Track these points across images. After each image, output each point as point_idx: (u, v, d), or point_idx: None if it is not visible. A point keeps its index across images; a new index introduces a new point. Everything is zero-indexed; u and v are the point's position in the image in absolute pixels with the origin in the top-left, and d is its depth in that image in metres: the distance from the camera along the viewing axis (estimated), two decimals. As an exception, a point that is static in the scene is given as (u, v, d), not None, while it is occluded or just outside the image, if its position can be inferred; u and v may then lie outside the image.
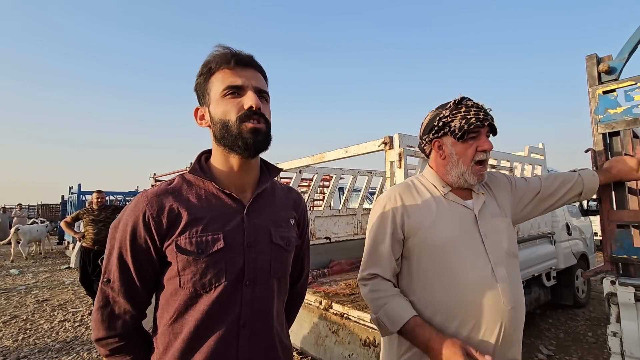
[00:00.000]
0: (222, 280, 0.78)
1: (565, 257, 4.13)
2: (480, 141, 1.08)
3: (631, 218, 1.39)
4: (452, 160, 1.11)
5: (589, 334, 3.78)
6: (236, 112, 0.79)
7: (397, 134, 2.29)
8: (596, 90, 1.48)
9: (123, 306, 0.80)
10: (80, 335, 4.03)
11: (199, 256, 0.77)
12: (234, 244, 0.81)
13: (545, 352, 3.34)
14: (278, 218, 0.91)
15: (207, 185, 0.85)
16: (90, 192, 10.68)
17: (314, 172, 4.27)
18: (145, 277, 0.81)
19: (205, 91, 0.84)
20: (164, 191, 0.82)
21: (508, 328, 1.00)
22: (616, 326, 1.39)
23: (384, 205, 1.15)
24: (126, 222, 0.80)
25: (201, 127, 0.88)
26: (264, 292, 0.84)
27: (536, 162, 3.75)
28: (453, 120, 1.09)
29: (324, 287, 3.25)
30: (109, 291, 0.80)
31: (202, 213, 0.81)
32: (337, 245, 4.38)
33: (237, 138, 0.80)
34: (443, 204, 1.12)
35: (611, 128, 1.44)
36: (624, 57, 1.44)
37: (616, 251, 1.41)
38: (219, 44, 0.84)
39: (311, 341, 2.76)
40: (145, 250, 0.79)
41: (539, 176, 1.33)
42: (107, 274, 0.81)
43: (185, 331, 0.77)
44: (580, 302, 4.53)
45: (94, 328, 0.81)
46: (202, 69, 0.84)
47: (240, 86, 0.81)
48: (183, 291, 0.78)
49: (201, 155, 0.90)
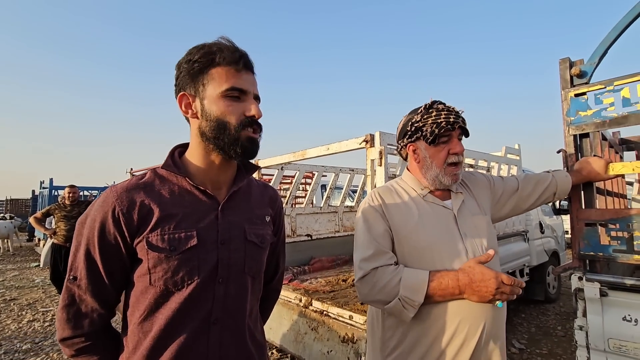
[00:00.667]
0: (195, 278, 0.77)
1: (538, 254, 4.29)
2: (452, 144, 1.10)
3: (598, 217, 1.45)
4: (426, 163, 1.14)
5: (559, 327, 3.94)
6: (237, 117, 0.78)
7: (378, 132, 2.30)
8: (568, 93, 1.53)
9: (90, 304, 0.77)
10: (50, 336, 3.87)
11: (171, 253, 0.75)
12: (207, 241, 0.79)
13: (518, 345, 3.46)
14: (253, 215, 0.91)
15: (180, 181, 0.82)
16: (63, 186, 10.28)
17: (296, 170, 4.25)
18: (114, 274, 0.78)
19: (200, 81, 0.79)
20: (135, 186, 0.79)
21: (491, 325, 1.03)
22: (583, 320, 1.44)
23: (369, 206, 1.15)
24: (94, 217, 0.77)
25: (185, 115, 0.83)
26: (237, 290, 0.83)
27: (512, 162, 3.86)
28: (425, 125, 1.10)
29: (304, 285, 3.25)
30: (75, 289, 0.77)
31: (175, 209, 0.78)
32: (318, 243, 4.37)
33: (235, 143, 0.78)
34: (423, 206, 1.13)
35: (581, 130, 1.50)
36: (595, 62, 1.49)
37: (584, 248, 1.47)
38: (223, 36, 0.80)
39: (290, 338, 2.75)
40: (115, 247, 0.76)
41: (516, 176, 1.37)
42: (74, 271, 0.77)
43: (155, 329, 0.75)
44: (551, 298, 4.72)
45: (58, 328, 0.78)
46: (201, 55, 0.78)
47: (244, 91, 0.79)
48: (154, 289, 0.76)
49: (174, 150, 0.87)
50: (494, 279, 0.92)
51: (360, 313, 2.28)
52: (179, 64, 0.82)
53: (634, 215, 1.36)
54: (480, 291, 0.93)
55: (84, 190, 11.07)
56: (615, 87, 1.40)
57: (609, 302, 1.39)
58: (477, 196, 1.22)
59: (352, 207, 5.07)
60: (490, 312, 1.02)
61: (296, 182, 4.31)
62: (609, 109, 1.42)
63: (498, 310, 1.04)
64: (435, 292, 0.97)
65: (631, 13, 1.39)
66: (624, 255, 1.37)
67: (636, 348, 1.30)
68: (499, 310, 1.05)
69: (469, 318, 1.01)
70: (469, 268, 0.96)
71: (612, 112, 1.41)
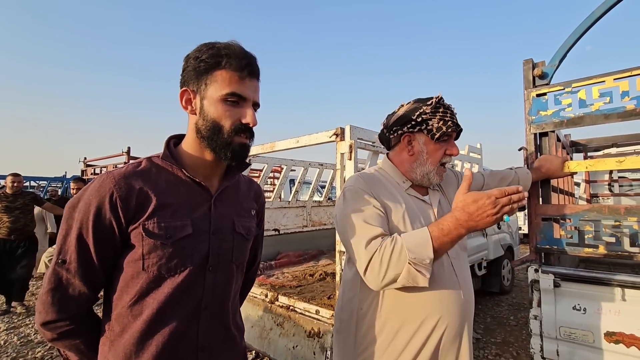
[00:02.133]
0: (188, 265, 0.81)
1: (494, 248, 4.53)
2: (450, 145, 1.11)
3: (554, 212, 1.53)
4: (421, 158, 1.10)
5: (511, 317, 4.19)
6: (232, 122, 0.81)
7: (349, 125, 2.28)
8: (530, 93, 1.59)
9: (78, 288, 0.78)
10: (-13, 339, 3.52)
11: (167, 241, 0.79)
12: (200, 231, 0.84)
13: (475, 335, 3.64)
14: (241, 208, 0.96)
15: (176, 171, 0.85)
16: (4, 175, 9.40)
17: (265, 162, 4.15)
18: (104, 258, 0.79)
19: (203, 80, 0.81)
20: (132, 173, 0.81)
21: (466, 317, 1.05)
22: (537, 310, 1.52)
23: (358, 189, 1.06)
24: (88, 201, 0.77)
25: (184, 110, 0.86)
26: (225, 278, 0.89)
27: (474, 160, 4.03)
28: (432, 119, 1.07)
29: (270, 280, 3.19)
30: (63, 272, 0.77)
31: (171, 199, 0.82)
32: (285, 237, 4.32)
33: (226, 147, 0.82)
34: (407, 198, 1.11)
35: (542, 129, 1.57)
36: (555, 64, 1.56)
37: (540, 242, 1.55)
38: (234, 40, 0.82)
39: (255, 335, 2.69)
40: (109, 232, 0.77)
41: (482, 172, 1.40)
42: (63, 254, 0.78)
43: (146, 312, 0.78)
44: (505, 290, 5.01)
45: (40, 311, 0.77)
46: (209, 56, 0.80)
47: (244, 97, 0.82)
48: (146, 274, 0.78)
49: (170, 140, 0.90)
50: (486, 198, 0.87)
51: (326, 307, 2.27)
52: (187, 57, 0.83)
53: (586, 211, 1.44)
54: (482, 218, 0.87)
55: (31, 180, 10.19)
56: (573, 88, 1.48)
57: (561, 293, 1.47)
58: (448, 193, 1.24)
59: (320, 202, 5.06)
60: (465, 304, 1.05)
61: (264, 176, 4.22)
62: (567, 110, 1.49)
63: (469, 302, 1.07)
64: (441, 240, 0.90)
65: (589, 18, 1.46)
66: (576, 248, 1.45)
67: (584, 335, 1.38)
68: (470, 302, 1.07)
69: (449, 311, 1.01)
70: (461, 203, 0.90)
71: (570, 113, 1.48)
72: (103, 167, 6.48)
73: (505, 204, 0.87)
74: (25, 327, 3.86)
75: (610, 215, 1.37)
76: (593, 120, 1.42)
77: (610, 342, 1.33)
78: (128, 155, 5.64)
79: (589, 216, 1.42)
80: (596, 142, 3.30)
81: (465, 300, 1.05)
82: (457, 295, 1.04)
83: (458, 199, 0.92)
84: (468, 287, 1.09)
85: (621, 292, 1.33)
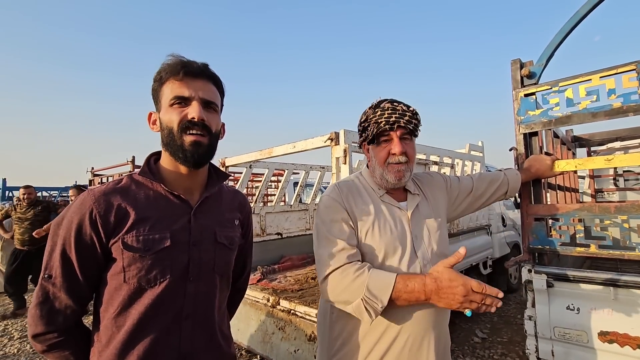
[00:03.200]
0: (167, 276, 0.83)
1: (500, 246, 4.48)
2: (392, 144, 1.08)
3: (545, 212, 1.52)
4: (372, 162, 1.13)
5: (519, 316, 4.14)
6: (178, 121, 0.84)
7: (343, 130, 2.30)
8: (519, 93, 1.59)
9: (64, 301, 0.81)
10: (2, 347, 3.62)
11: (145, 253, 0.81)
12: (179, 242, 0.86)
13: (481, 335, 3.60)
14: (223, 219, 0.98)
15: (155, 187, 0.89)
16: (18, 187, 9.66)
17: (266, 167, 4.19)
18: (88, 273, 0.82)
19: (158, 98, 0.88)
20: (112, 190, 0.85)
21: (436, 325, 1.04)
22: (532, 310, 1.52)
23: (333, 199, 1.10)
24: (71, 219, 0.81)
25: (153, 131, 0.91)
26: (207, 287, 0.90)
27: (476, 158, 4.00)
28: (369, 125, 1.09)
29: (272, 284, 3.21)
30: (49, 287, 0.81)
31: (150, 213, 0.85)
32: (288, 241, 4.35)
33: (179, 149, 0.85)
34: (379, 206, 1.12)
35: (530, 129, 1.56)
36: (542, 63, 1.56)
37: (533, 242, 1.54)
38: (172, 53, 0.87)
39: (258, 339, 2.72)
40: (90, 247, 0.81)
41: (471, 175, 1.39)
42: (49, 270, 0.81)
43: (128, 323, 0.80)
44: (512, 288, 4.96)
45: (31, 324, 0.81)
46: (156, 77, 0.87)
47: (186, 97, 0.85)
48: (127, 286, 0.81)
49: (150, 157, 0.94)
50: (461, 285, 0.86)
51: (326, 311, 2.29)
52: None
53: (577, 210, 1.43)
54: (447, 298, 0.87)
55: (42, 190, 10.45)
56: (560, 87, 1.47)
57: (555, 293, 1.46)
58: (433, 197, 1.22)
59: (323, 205, 5.07)
60: (434, 311, 1.03)
61: (265, 180, 4.26)
62: (555, 109, 1.49)
63: (442, 315, 1.05)
64: (400, 295, 0.92)
65: (574, 18, 1.46)
66: (568, 248, 1.44)
67: (578, 335, 1.38)
68: (442, 315, 1.05)
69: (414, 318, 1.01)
70: (437, 273, 0.91)
71: (558, 112, 1.48)
72: (110, 176, 6.60)
73: (476, 300, 0.86)
74: (38, 335, 3.95)
75: (601, 214, 1.36)
76: (581, 118, 1.41)
77: (604, 342, 1.32)
78: (133, 164, 5.75)
79: (579, 215, 1.41)
80: (599, 137, 3.26)
81: (433, 310, 1.03)
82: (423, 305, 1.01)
83: (438, 269, 0.92)
84: None
85: (614, 291, 1.32)
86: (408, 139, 1.10)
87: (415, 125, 1.09)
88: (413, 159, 1.11)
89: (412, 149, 1.11)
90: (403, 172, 1.08)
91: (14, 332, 4.04)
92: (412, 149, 1.10)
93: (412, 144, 1.11)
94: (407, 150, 1.08)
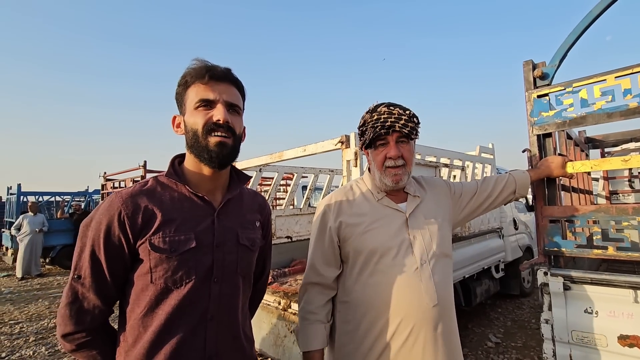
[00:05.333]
0: (192, 277, 0.85)
1: (512, 250, 4.42)
2: (388, 148, 1.11)
3: (561, 214, 1.51)
4: (372, 166, 1.18)
5: (533, 320, 4.07)
6: (204, 123, 0.86)
7: (353, 133, 2.31)
8: (531, 94, 1.58)
9: (93, 301, 0.83)
10: (18, 349, 3.69)
11: (172, 254, 0.83)
12: (204, 244, 0.87)
13: (494, 339, 3.55)
14: (245, 221, 0.99)
15: (180, 188, 0.91)
16: (32, 192, 9.85)
17: (275, 171, 4.22)
18: (115, 273, 0.84)
19: (182, 102, 0.90)
20: (139, 192, 0.87)
21: (435, 323, 1.05)
22: (548, 314, 1.49)
23: (323, 212, 1.19)
24: (99, 220, 0.83)
25: (177, 134, 0.93)
26: (231, 289, 0.92)
27: (486, 161, 3.96)
28: (367, 129, 1.12)
29: (283, 287, 3.22)
30: (78, 287, 0.82)
31: (175, 214, 0.86)
32: (298, 245, 4.35)
33: (204, 150, 0.87)
34: (376, 208, 1.16)
35: (544, 130, 1.55)
36: (555, 64, 1.55)
37: (548, 244, 1.52)
38: (196, 58, 0.90)
39: (270, 342, 2.72)
40: (118, 248, 0.82)
41: (476, 180, 1.41)
42: (78, 270, 0.83)
43: (155, 324, 0.82)
44: (525, 292, 4.88)
45: (60, 324, 0.83)
46: (180, 81, 0.90)
47: (211, 100, 0.87)
48: (154, 287, 0.83)
49: (174, 159, 0.96)
50: None
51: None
52: None
53: (593, 212, 1.42)
54: None
55: (56, 195, 10.63)
56: (574, 88, 1.46)
57: (572, 296, 1.44)
58: (436, 199, 1.23)
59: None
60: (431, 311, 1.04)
61: (275, 184, 4.28)
62: (569, 110, 1.47)
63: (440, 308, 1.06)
64: None
65: (587, 17, 1.45)
66: (585, 250, 1.42)
67: (597, 338, 1.35)
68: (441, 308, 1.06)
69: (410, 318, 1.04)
70: None
71: (572, 113, 1.47)
72: (122, 181, 6.72)
73: None
74: (53, 337, 4.02)
75: (618, 215, 1.34)
76: (596, 119, 1.40)
77: (624, 346, 1.29)
78: (144, 169, 5.84)
79: (596, 217, 1.40)
80: (614, 137, 3.20)
81: (433, 307, 1.04)
82: (420, 301, 1.04)
83: None
84: (440, 293, 1.06)
85: (634, 293, 1.29)
86: (405, 143, 1.12)
87: (412, 128, 1.10)
88: (410, 161, 1.14)
89: (409, 152, 1.13)
90: (400, 175, 1.11)
91: (30, 335, 4.12)
92: (408, 152, 1.12)
93: (409, 147, 1.14)
94: (403, 154, 1.11)
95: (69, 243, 8.22)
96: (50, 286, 6.75)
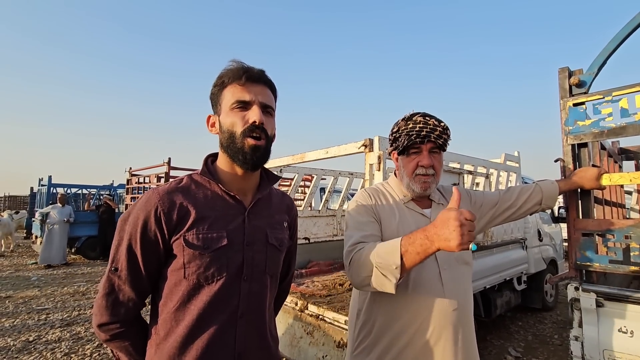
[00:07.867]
0: (224, 274, 0.86)
1: (535, 262, 4.27)
2: (421, 157, 1.14)
3: (595, 227, 1.45)
4: (401, 171, 1.20)
5: (555, 336, 3.92)
6: (242, 125, 0.87)
7: (377, 136, 2.29)
8: (567, 103, 1.53)
9: (128, 294, 0.86)
10: (45, 334, 3.85)
11: (205, 251, 0.85)
12: (235, 242, 0.89)
13: (514, 353, 3.44)
14: (273, 221, 1.01)
15: (213, 187, 0.93)
16: (61, 184, 10.29)
17: (295, 172, 4.24)
18: (150, 268, 0.87)
19: (218, 102, 0.92)
20: (175, 189, 0.89)
21: (454, 327, 1.07)
22: (578, 331, 1.44)
23: (360, 203, 1.20)
24: (137, 215, 0.85)
25: (211, 133, 0.95)
26: (259, 287, 0.93)
27: (511, 169, 3.86)
28: (400, 136, 1.15)
29: (300, 288, 3.23)
30: (115, 279, 0.85)
31: (209, 212, 0.88)
32: (316, 246, 4.36)
33: (239, 152, 0.88)
34: (404, 211, 1.18)
35: (579, 139, 1.50)
36: (594, 72, 1.49)
37: (580, 258, 1.47)
38: (233, 59, 0.92)
39: (286, 342, 2.73)
40: (154, 243, 0.85)
41: (499, 190, 1.39)
42: (115, 263, 0.86)
43: (187, 318, 0.84)
44: (548, 306, 4.70)
45: (96, 314, 0.86)
46: (217, 81, 0.92)
47: (247, 101, 0.88)
48: (187, 282, 0.85)
49: (208, 158, 0.98)
50: (452, 219, 0.83)
51: (355, 318, 2.27)
52: None
53: (631, 227, 1.35)
54: (445, 234, 0.83)
55: (82, 188, 11.06)
56: (614, 97, 1.40)
57: (605, 313, 1.38)
58: None
59: (350, 211, 5.05)
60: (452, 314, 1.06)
61: (295, 185, 4.31)
62: (607, 119, 1.42)
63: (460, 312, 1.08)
64: (407, 249, 0.90)
65: (630, 24, 1.39)
66: (620, 267, 1.36)
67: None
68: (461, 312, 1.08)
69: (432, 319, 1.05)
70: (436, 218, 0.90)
71: (611, 123, 1.41)
72: (146, 177, 6.91)
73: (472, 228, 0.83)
74: (76, 325, 4.18)
75: (659, 231, 1.28)
76: (637, 130, 1.34)
77: (662, 369, 1.23)
78: (169, 165, 5.99)
79: (633, 232, 1.33)
80: (649, 149, 3.05)
81: (453, 310, 1.07)
82: (441, 304, 1.07)
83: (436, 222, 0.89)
84: (456, 297, 1.09)
85: (673, 315, 1.23)
86: (437, 153, 1.16)
87: (445, 140, 1.14)
88: (439, 172, 1.18)
89: (439, 163, 1.17)
90: (429, 183, 1.15)
91: (55, 321, 4.29)
92: (439, 162, 1.17)
93: (440, 157, 1.18)
94: (434, 164, 1.14)
95: (94, 235, 8.56)
96: (75, 275, 7.02)
